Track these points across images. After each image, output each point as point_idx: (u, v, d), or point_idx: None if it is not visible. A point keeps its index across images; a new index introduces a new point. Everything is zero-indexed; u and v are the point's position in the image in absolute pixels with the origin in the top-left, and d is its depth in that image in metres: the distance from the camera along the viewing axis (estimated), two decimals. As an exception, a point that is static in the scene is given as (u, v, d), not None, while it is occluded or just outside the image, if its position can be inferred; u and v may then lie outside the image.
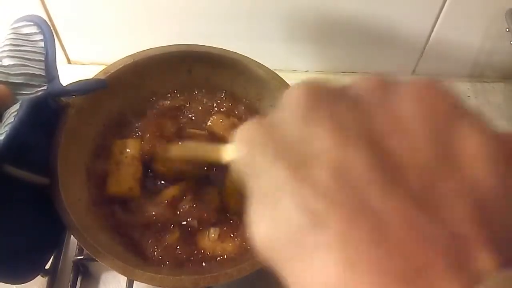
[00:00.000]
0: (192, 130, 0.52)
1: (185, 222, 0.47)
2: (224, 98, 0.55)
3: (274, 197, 0.17)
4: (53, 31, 0.65)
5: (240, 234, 0.47)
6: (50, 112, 0.46)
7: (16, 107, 0.38)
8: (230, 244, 0.46)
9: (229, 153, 0.27)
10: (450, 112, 0.19)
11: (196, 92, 0.55)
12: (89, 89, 0.47)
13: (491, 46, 0.67)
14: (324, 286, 0.16)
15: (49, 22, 0.64)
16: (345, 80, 0.71)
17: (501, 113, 0.69)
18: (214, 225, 0.47)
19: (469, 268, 0.15)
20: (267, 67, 0.53)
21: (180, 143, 0.47)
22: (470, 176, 0.16)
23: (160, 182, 0.49)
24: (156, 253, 0.45)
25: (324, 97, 0.19)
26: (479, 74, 0.72)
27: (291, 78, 0.54)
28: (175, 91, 0.55)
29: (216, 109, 0.55)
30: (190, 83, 0.55)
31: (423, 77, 0.20)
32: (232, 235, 0.47)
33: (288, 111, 0.19)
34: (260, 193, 0.18)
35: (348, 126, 0.17)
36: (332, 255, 0.15)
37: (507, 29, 0.61)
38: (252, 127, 0.20)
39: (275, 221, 0.17)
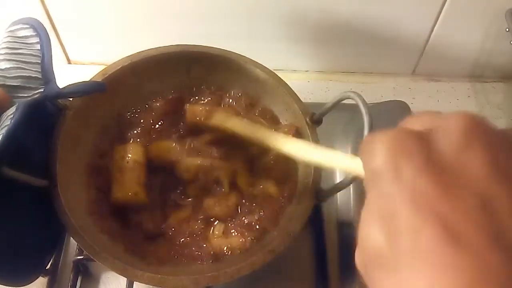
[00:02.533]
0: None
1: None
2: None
3: (408, 206, 0.18)
4: (51, 31, 0.66)
5: (245, 227, 0.47)
6: (48, 114, 0.46)
7: (12, 110, 0.38)
8: (236, 239, 0.46)
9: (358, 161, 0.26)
10: None
11: (194, 90, 0.55)
12: (86, 92, 0.47)
13: (491, 46, 0.67)
14: None
15: (49, 22, 0.65)
16: (345, 80, 0.71)
17: (501, 113, 0.69)
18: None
19: None
20: (265, 67, 0.53)
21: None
22: None
23: (177, 192, 0.49)
24: (158, 253, 0.45)
25: (485, 131, 0.20)
26: (479, 74, 0.72)
27: (291, 78, 0.54)
28: (174, 92, 0.55)
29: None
30: (189, 83, 0.55)
31: None
32: (237, 231, 0.47)
33: (446, 133, 0.20)
34: (389, 201, 0.19)
35: (502, 164, 0.19)
36: (466, 274, 0.17)
37: (507, 29, 0.61)
38: (399, 137, 0.21)
39: (398, 227, 0.19)
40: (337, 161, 0.36)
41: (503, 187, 0.18)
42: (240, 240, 0.46)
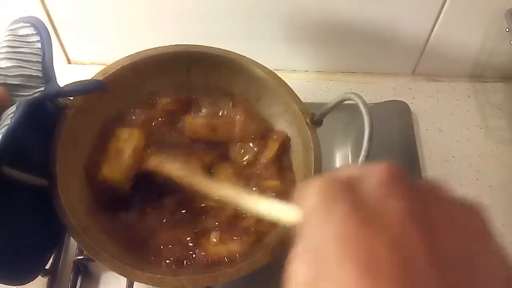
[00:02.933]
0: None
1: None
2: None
3: (335, 244, 0.21)
4: (51, 31, 0.66)
5: (241, 232, 0.47)
6: (48, 113, 0.46)
7: (12, 108, 0.38)
8: (234, 244, 0.46)
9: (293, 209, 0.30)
10: (482, 237, 0.22)
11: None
12: (86, 90, 0.47)
13: (491, 46, 0.67)
14: None
15: (49, 22, 0.65)
16: (345, 80, 0.71)
17: (501, 113, 0.69)
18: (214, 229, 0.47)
19: None
20: (265, 67, 0.53)
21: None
22: None
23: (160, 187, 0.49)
24: (157, 254, 0.45)
25: (404, 182, 0.23)
26: (479, 74, 0.72)
27: (291, 78, 0.54)
28: (174, 92, 0.55)
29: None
30: (189, 83, 0.55)
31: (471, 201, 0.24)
32: (234, 236, 0.47)
33: (370, 182, 0.23)
34: (319, 239, 0.22)
35: (417, 210, 0.21)
36: None
37: (507, 29, 0.61)
38: (331, 184, 0.23)
39: (325, 262, 0.21)
40: (271, 210, 0.36)
41: (417, 231, 0.21)
42: (238, 245, 0.46)
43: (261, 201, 0.38)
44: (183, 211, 0.48)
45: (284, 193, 0.49)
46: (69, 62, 0.72)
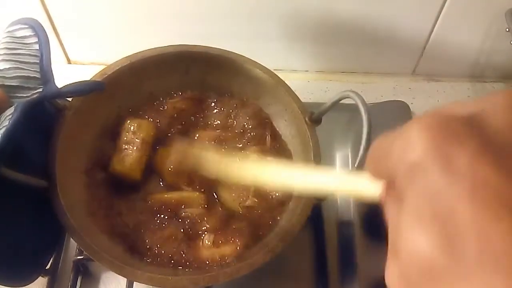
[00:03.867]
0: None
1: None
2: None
3: (469, 202, 0.15)
4: (51, 31, 0.66)
5: (236, 236, 0.46)
6: (47, 114, 0.46)
7: (11, 110, 0.38)
8: (227, 248, 0.46)
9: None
10: None
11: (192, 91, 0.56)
12: (84, 91, 0.47)
13: (491, 46, 0.67)
14: None
15: (49, 22, 0.65)
16: (345, 80, 0.70)
17: (501, 113, 0.69)
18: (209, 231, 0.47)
19: None
20: (264, 67, 0.53)
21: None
22: None
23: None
24: (155, 255, 0.45)
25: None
26: (479, 74, 0.72)
27: (291, 78, 0.54)
28: (173, 92, 0.55)
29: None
30: (188, 83, 0.55)
31: None
32: (228, 239, 0.46)
33: (496, 111, 0.17)
34: (441, 198, 0.16)
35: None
36: None
37: (507, 29, 0.61)
38: (442, 121, 0.17)
39: (457, 230, 0.16)
40: (351, 184, 0.28)
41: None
42: (232, 247, 0.46)
43: (324, 174, 0.31)
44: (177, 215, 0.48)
45: None
46: (69, 62, 0.72)
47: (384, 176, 0.20)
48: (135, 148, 0.48)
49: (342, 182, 0.29)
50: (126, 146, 0.48)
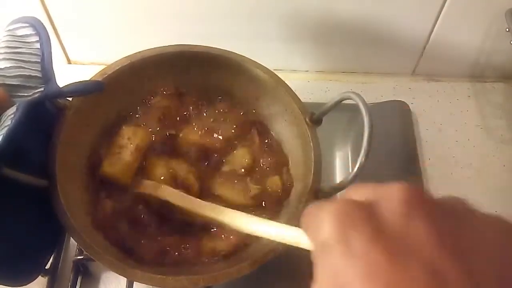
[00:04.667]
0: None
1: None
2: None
3: (362, 280, 0.19)
4: (51, 31, 0.66)
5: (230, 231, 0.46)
6: (48, 114, 0.46)
7: (12, 109, 0.38)
8: (221, 243, 0.46)
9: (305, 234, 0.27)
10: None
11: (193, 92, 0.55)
12: (85, 91, 0.47)
13: (491, 46, 0.67)
14: None
15: (49, 22, 0.65)
16: (345, 80, 0.70)
17: (501, 113, 0.69)
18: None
19: None
20: (265, 67, 0.53)
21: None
22: None
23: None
24: (149, 257, 0.45)
25: (426, 201, 0.21)
26: (479, 74, 0.72)
27: (291, 78, 0.54)
28: (172, 92, 0.55)
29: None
30: (188, 83, 0.55)
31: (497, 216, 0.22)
32: (222, 234, 0.46)
33: (389, 202, 0.21)
34: (341, 275, 0.19)
35: (445, 232, 0.20)
36: None
37: (507, 29, 0.61)
38: (345, 208, 0.21)
39: None
40: (278, 233, 0.35)
41: (450, 257, 0.19)
42: (226, 242, 0.46)
43: (270, 225, 0.37)
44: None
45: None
46: (69, 62, 0.72)
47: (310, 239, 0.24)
48: (128, 153, 0.48)
49: (282, 234, 0.34)
50: (119, 151, 0.48)
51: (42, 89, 0.43)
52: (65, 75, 0.47)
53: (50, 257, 0.50)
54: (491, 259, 0.20)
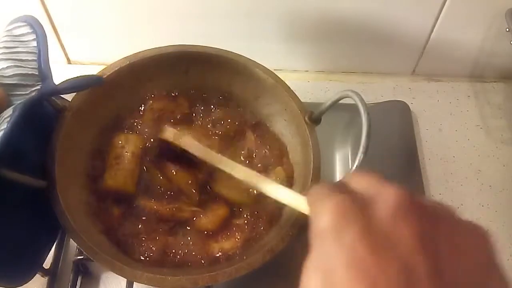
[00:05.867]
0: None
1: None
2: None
3: (345, 267, 0.22)
4: (51, 31, 0.66)
5: (237, 230, 0.47)
6: (47, 115, 0.46)
7: (9, 112, 0.38)
8: (227, 242, 0.46)
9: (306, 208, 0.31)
10: (487, 268, 0.23)
11: (192, 92, 0.55)
12: (83, 86, 0.46)
13: (491, 46, 0.67)
14: None
15: (49, 22, 0.65)
16: (345, 80, 0.70)
17: (501, 113, 0.69)
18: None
19: None
20: (264, 66, 0.53)
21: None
22: None
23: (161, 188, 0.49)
24: (151, 257, 0.45)
25: (418, 206, 0.24)
26: (479, 74, 0.72)
27: (291, 78, 0.54)
28: (172, 92, 0.55)
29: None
30: (187, 83, 0.55)
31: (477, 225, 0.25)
32: (228, 233, 0.47)
33: (384, 203, 0.24)
34: (330, 259, 0.23)
35: (427, 236, 0.22)
36: None
37: (507, 29, 0.61)
38: (344, 204, 0.24)
39: (334, 284, 0.22)
40: (285, 195, 0.40)
41: (424, 256, 0.22)
42: (231, 242, 0.46)
43: (278, 186, 0.41)
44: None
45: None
46: (69, 62, 0.72)
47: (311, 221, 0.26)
48: (126, 162, 0.48)
49: (288, 197, 0.39)
50: (116, 161, 0.48)
51: (39, 87, 0.42)
52: (65, 75, 0.47)
53: (47, 255, 0.50)
54: (466, 263, 0.22)
